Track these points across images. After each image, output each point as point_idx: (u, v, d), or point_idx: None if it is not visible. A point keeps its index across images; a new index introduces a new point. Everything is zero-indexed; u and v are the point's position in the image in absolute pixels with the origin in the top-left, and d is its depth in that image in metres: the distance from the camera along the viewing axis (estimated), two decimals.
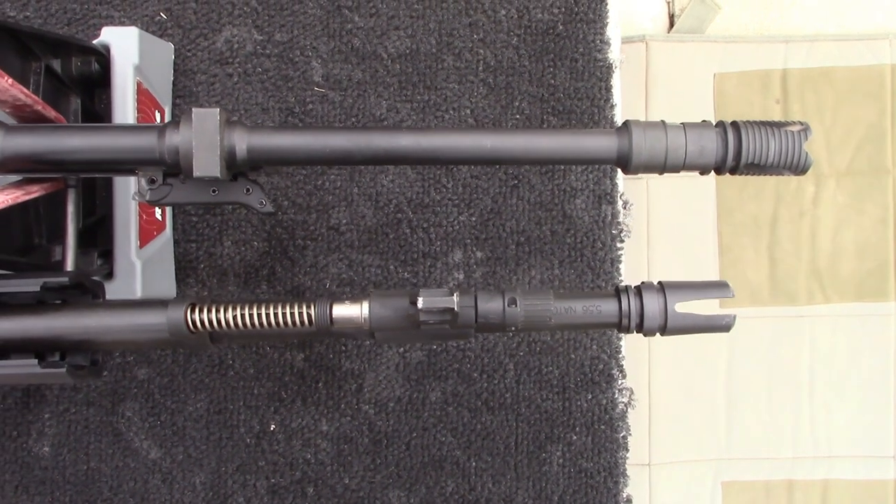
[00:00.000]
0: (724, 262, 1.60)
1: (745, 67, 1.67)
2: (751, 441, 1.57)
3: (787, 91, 1.65)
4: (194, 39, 0.87)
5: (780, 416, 1.55)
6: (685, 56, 1.62)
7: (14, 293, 0.63)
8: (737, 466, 1.58)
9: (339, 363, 0.87)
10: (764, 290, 1.60)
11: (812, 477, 1.56)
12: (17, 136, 0.60)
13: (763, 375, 1.55)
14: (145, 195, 0.63)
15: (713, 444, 1.56)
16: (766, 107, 1.66)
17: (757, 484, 1.58)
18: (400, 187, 0.87)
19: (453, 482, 0.87)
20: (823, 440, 1.56)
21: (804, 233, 1.61)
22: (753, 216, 1.60)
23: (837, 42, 1.65)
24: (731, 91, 1.64)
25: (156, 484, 0.86)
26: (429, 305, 0.55)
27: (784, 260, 1.60)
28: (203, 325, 0.59)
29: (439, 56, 0.88)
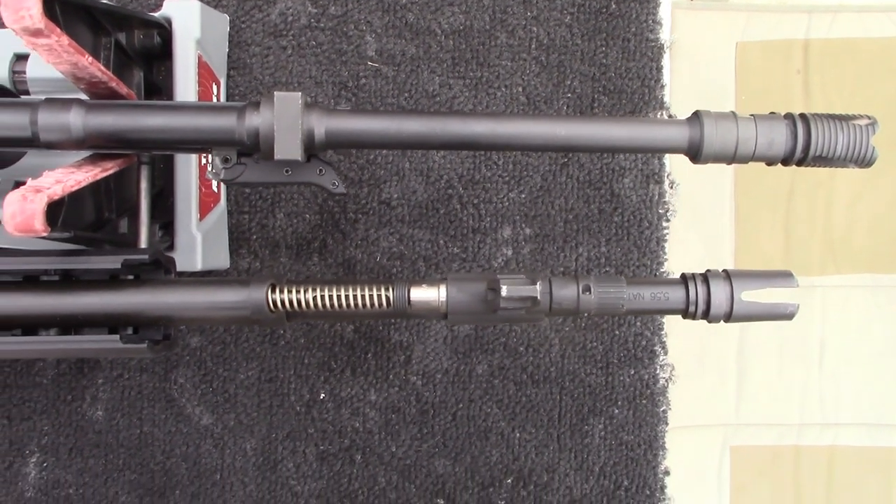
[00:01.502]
0: (739, 232, 1.61)
1: (767, 37, 1.67)
2: (760, 407, 1.60)
3: (809, 62, 1.65)
4: (249, 11, 0.87)
5: (790, 384, 1.58)
6: (708, 24, 1.62)
7: (89, 269, 0.64)
8: (746, 431, 1.61)
9: (389, 335, 0.89)
10: (777, 260, 1.62)
11: (818, 443, 1.60)
12: (99, 113, 0.61)
13: (774, 343, 1.58)
14: (220, 174, 0.64)
15: (723, 409, 1.60)
16: (786, 77, 1.66)
17: (765, 449, 1.62)
18: (451, 163, 0.88)
19: (498, 452, 0.89)
20: (831, 408, 1.59)
21: (819, 204, 1.62)
22: (771, 187, 1.62)
23: (860, 13, 1.64)
24: (754, 60, 1.65)
25: (207, 449, 0.88)
26: (511, 293, 0.56)
27: (798, 231, 1.62)
28: (283, 304, 0.61)
29: (492, 33, 0.88)
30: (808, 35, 1.66)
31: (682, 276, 0.64)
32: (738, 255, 1.65)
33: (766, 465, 1.64)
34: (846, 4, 1.66)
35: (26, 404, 0.88)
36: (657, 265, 0.90)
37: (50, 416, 0.88)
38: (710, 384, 1.53)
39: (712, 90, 1.63)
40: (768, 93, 1.68)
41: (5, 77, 0.79)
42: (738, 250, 1.64)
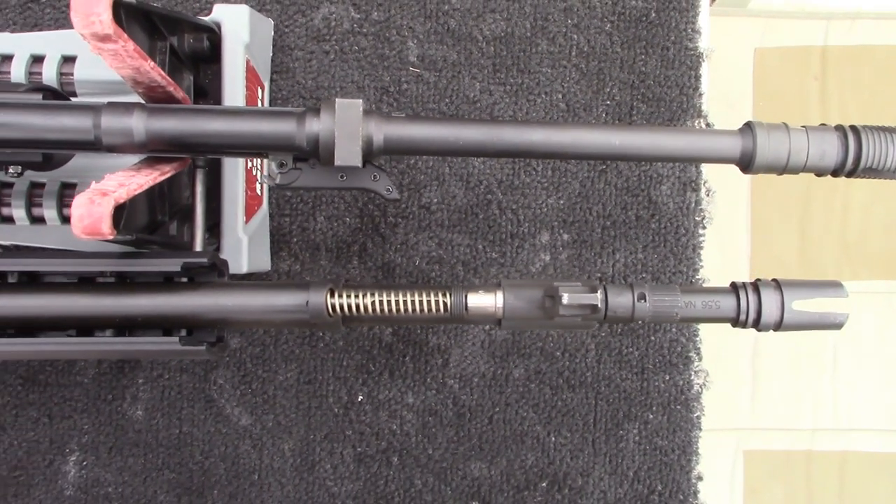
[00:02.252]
0: (755, 236, 1.63)
1: (785, 43, 1.68)
2: (774, 412, 1.61)
3: (826, 68, 1.66)
4: (292, 16, 0.88)
5: (803, 389, 1.59)
6: (727, 30, 1.63)
7: (147, 272, 0.65)
8: (759, 436, 1.62)
9: (427, 338, 0.89)
10: (793, 264, 1.63)
11: (831, 448, 1.61)
12: (160, 117, 0.62)
13: (789, 348, 1.59)
14: (275, 178, 0.65)
15: (737, 413, 1.61)
16: (804, 83, 1.67)
17: (778, 454, 1.63)
18: (491, 169, 0.89)
19: (533, 456, 0.90)
20: (844, 413, 1.61)
21: (835, 209, 1.63)
22: (786, 192, 1.63)
23: (878, 20, 1.65)
24: (772, 66, 1.65)
25: (246, 449, 0.89)
26: (572, 301, 0.57)
27: (814, 236, 1.63)
28: (341, 309, 0.62)
29: (533, 40, 0.89)
30: (826, 41, 1.67)
31: (733, 284, 0.65)
32: (754, 260, 1.66)
33: (779, 469, 1.65)
34: (864, 11, 1.67)
35: (67, 403, 0.88)
36: (693, 272, 0.90)
37: (90, 414, 0.88)
38: (725, 389, 1.54)
39: (730, 95, 1.64)
40: (786, 98, 1.69)
41: (53, 78, 0.80)
42: (754, 254, 1.66)
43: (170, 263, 0.63)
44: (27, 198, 0.80)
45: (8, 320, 0.64)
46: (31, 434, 0.88)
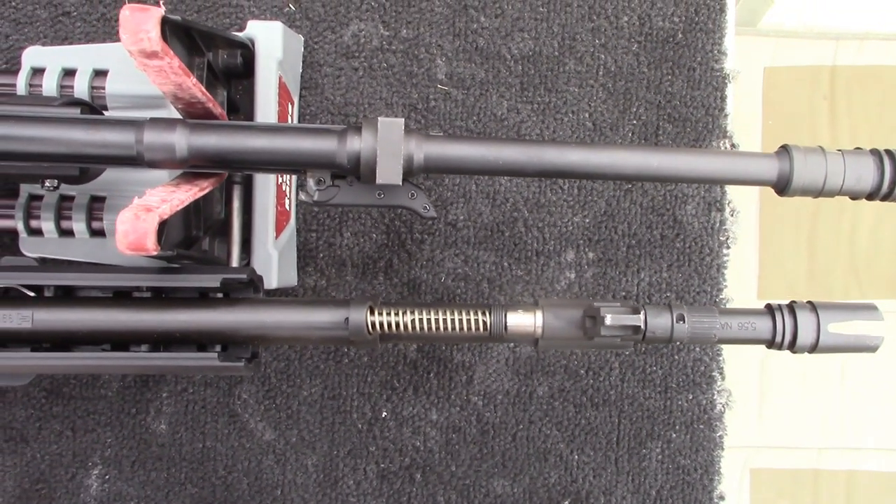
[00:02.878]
0: (763, 253, 1.63)
1: (794, 62, 1.68)
2: (781, 430, 1.61)
3: (835, 88, 1.67)
4: (322, 32, 0.89)
5: (811, 407, 1.59)
6: (737, 48, 1.64)
7: (183, 287, 0.65)
8: (766, 454, 1.62)
9: (451, 355, 0.89)
10: (801, 282, 1.63)
11: (838, 467, 1.61)
12: (202, 133, 0.62)
13: (797, 366, 1.59)
14: (313, 195, 0.65)
15: (744, 431, 1.61)
16: (813, 102, 1.68)
17: (784, 472, 1.63)
18: (517, 186, 0.89)
19: (556, 474, 0.90)
20: (852, 432, 1.61)
21: (844, 228, 1.64)
22: (795, 209, 1.63)
23: (887, 41, 1.67)
24: (781, 85, 1.66)
25: (269, 464, 0.89)
26: (615, 322, 0.57)
27: (823, 254, 1.64)
28: (381, 326, 0.62)
29: (561, 59, 0.89)
30: (836, 61, 1.68)
31: (768, 306, 0.65)
32: (762, 277, 1.66)
33: (786, 488, 1.65)
34: (873, 32, 1.68)
35: (91, 416, 0.88)
36: (717, 292, 0.91)
37: (114, 428, 0.88)
38: (733, 405, 1.54)
39: (740, 113, 1.65)
40: (795, 117, 1.70)
41: (84, 92, 0.80)
42: (763, 272, 1.66)
43: (209, 279, 0.63)
44: (56, 210, 0.80)
45: (44, 334, 0.64)
46: (55, 447, 0.88)
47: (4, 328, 0.62)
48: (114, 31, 0.88)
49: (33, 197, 0.81)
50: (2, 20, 0.87)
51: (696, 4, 0.90)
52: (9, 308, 0.63)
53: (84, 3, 0.87)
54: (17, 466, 0.88)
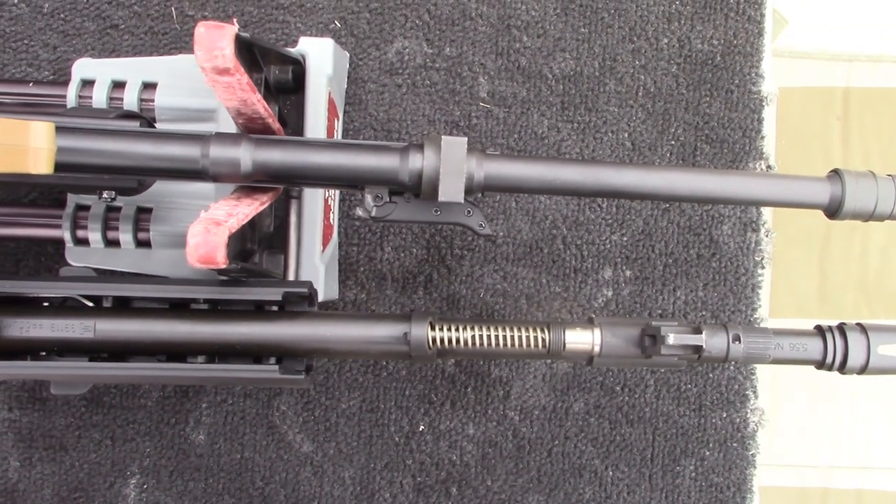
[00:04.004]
0: (775, 273, 1.64)
1: (808, 83, 1.70)
2: (790, 448, 1.62)
3: (849, 109, 1.69)
4: (366, 49, 0.90)
5: (821, 425, 1.60)
6: None
7: (240, 300, 0.66)
8: (775, 472, 1.63)
9: (489, 370, 0.90)
10: (812, 301, 1.64)
11: (847, 486, 1.62)
12: (266, 149, 0.63)
13: (807, 384, 1.60)
14: (371, 211, 0.66)
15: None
16: (826, 123, 1.70)
17: (793, 490, 1.64)
18: (556, 204, 0.90)
19: (591, 490, 0.91)
20: (861, 451, 1.61)
21: (855, 248, 1.65)
22: (807, 229, 1.65)
23: None
24: (795, 106, 1.68)
25: (306, 476, 0.90)
26: (678, 341, 0.58)
27: (833, 274, 1.65)
28: (440, 341, 0.63)
29: (601, 79, 0.91)
30: (849, 83, 1.70)
31: (818, 327, 0.67)
32: (774, 296, 1.67)
33: None
34: (886, 55, 1.70)
35: (130, 426, 0.89)
36: (751, 311, 0.92)
37: (153, 438, 0.89)
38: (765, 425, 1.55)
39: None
40: (808, 138, 1.72)
41: (134, 104, 0.81)
42: (774, 291, 1.67)
43: (271, 292, 0.64)
44: (103, 221, 0.81)
45: (105, 344, 0.64)
46: (94, 456, 0.89)
47: (67, 337, 0.63)
48: (160, 44, 0.89)
49: (80, 207, 0.82)
50: (51, 32, 0.88)
51: (734, 28, 0.91)
52: (71, 318, 0.64)
53: (132, 17, 0.88)
54: (56, 475, 0.88)
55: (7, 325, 0.63)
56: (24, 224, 0.84)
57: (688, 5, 0.91)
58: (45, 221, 0.84)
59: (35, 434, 0.88)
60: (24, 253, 0.89)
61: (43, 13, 0.88)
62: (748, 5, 0.92)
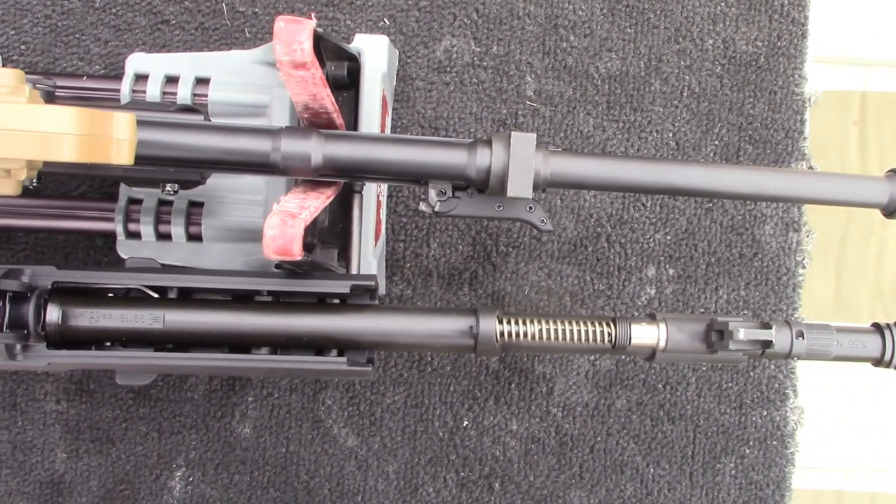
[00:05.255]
0: None
1: (825, 87, 1.71)
2: (805, 451, 1.63)
3: (865, 113, 1.70)
4: (415, 47, 0.90)
5: (842, 427, 1.61)
6: None
7: (293, 292, 0.67)
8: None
9: (532, 367, 0.91)
10: (828, 305, 1.65)
11: (861, 489, 1.63)
12: (335, 143, 0.64)
13: (825, 386, 1.61)
14: (434, 206, 0.66)
15: None
16: (843, 127, 1.71)
17: (808, 493, 1.65)
18: (601, 203, 0.91)
19: (632, 486, 0.92)
20: (880, 454, 1.62)
21: (871, 253, 1.66)
22: (823, 233, 1.66)
23: None
24: (812, 109, 1.69)
25: (351, 470, 0.90)
26: (748, 336, 0.59)
27: (849, 277, 1.66)
28: (507, 335, 0.63)
29: (647, 79, 0.92)
30: (866, 87, 1.71)
31: (876, 325, 0.67)
32: None
33: None
34: None
35: (176, 418, 0.89)
36: (792, 310, 0.93)
37: (199, 431, 0.89)
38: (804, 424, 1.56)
39: None
40: (824, 142, 1.73)
41: (187, 98, 0.82)
42: None
43: (339, 285, 0.65)
44: (155, 215, 0.82)
45: (173, 335, 0.65)
46: (140, 448, 0.89)
47: (136, 328, 0.64)
48: (211, 39, 0.90)
49: (132, 200, 0.83)
50: (102, 26, 0.89)
51: (778, 30, 0.92)
52: (141, 308, 0.64)
53: (183, 12, 0.89)
54: (103, 466, 0.89)
55: (76, 314, 0.64)
56: (74, 217, 0.85)
57: (732, 7, 0.92)
58: (96, 214, 0.85)
59: (82, 426, 0.89)
60: (73, 246, 0.89)
61: (95, 8, 0.89)
62: (792, 7, 0.93)
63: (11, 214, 0.83)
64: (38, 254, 0.89)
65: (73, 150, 0.54)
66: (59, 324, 0.63)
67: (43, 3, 0.88)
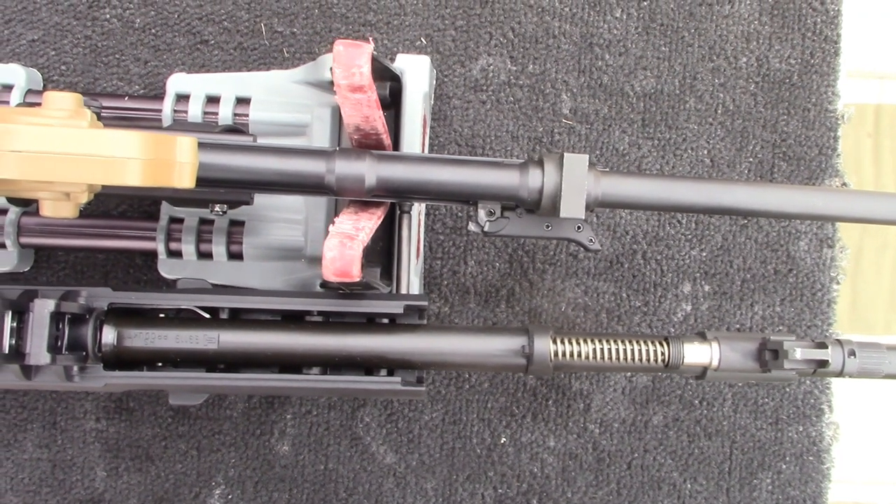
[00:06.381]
0: None
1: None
2: (840, 466, 1.63)
3: (880, 126, 1.70)
4: (452, 66, 0.91)
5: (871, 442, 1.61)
6: None
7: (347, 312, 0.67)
8: (842, 488, 1.63)
9: (570, 383, 0.91)
10: (844, 317, 1.66)
11: (879, 502, 1.63)
12: (388, 164, 0.65)
13: (871, 398, 1.61)
14: (483, 226, 0.67)
15: None
16: (858, 139, 1.71)
17: None
18: (637, 220, 0.92)
19: (669, 502, 0.92)
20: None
21: (886, 265, 1.67)
22: (839, 245, 1.66)
23: None
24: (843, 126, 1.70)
25: (389, 487, 0.90)
26: (804, 356, 0.59)
27: (865, 290, 1.66)
28: (560, 355, 0.64)
29: (682, 97, 0.92)
30: (880, 100, 1.72)
31: None
32: None
33: None
34: None
35: (216, 436, 0.90)
36: (827, 326, 0.93)
37: (238, 448, 0.90)
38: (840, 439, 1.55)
39: None
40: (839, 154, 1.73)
41: (228, 118, 0.83)
42: None
43: (392, 305, 0.65)
44: (196, 234, 0.82)
45: (227, 356, 0.65)
46: (179, 466, 0.89)
47: (191, 348, 0.64)
48: (250, 59, 0.90)
49: (173, 219, 0.83)
50: (142, 46, 0.89)
51: (811, 47, 0.93)
52: (195, 329, 0.65)
53: (222, 32, 0.90)
54: (142, 485, 0.89)
55: (131, 335, 0.64)
56: (114, 236, 0.85)
57: (766, 25, 0.93)
58: (136, 233, 0.85)
59: (122, 444, 0.89)
60: (112, 265, 0.90)
61: (134, 28, 0.89)
62: (825, 25, 0.93)
63: (54, 234, 0.84)
64: (77, 273, 0.89)
65: (139, 175, 0.54)
66: (114, 345, 0.64)
67: (83, 23, 0.89)
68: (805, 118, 0.93)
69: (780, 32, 0.94)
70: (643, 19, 0.92)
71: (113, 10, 0.89)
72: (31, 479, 0.89)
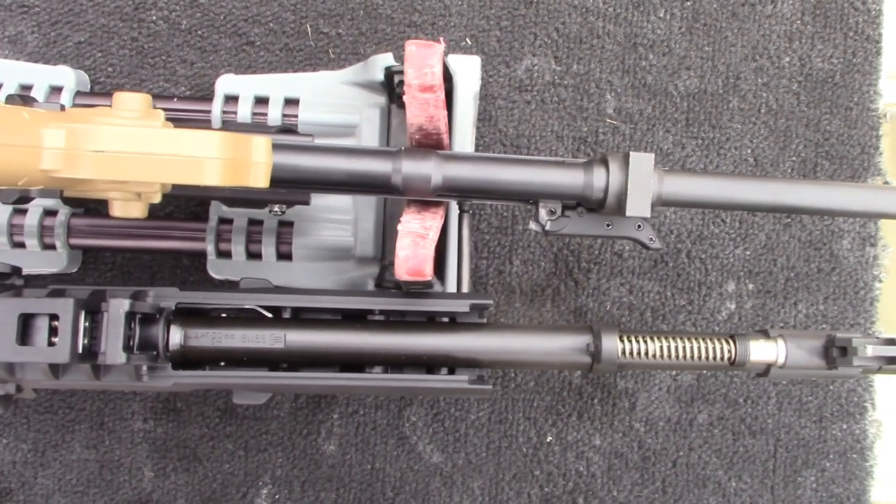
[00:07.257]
0: None
1: None
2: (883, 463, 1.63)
3: (893, 125, 1.71)
4: (496, 66, 0.91)
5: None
6: None
7: (412, 311, 0.67)
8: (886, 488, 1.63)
9: (615, 382, 0.92)
10: (886, 315, 1.66)
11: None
12: (452, 164, 0.65)
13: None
14: (545, 225, 0.67)
15: None
16: (893, 140, 1.72)
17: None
18: (681, 219, 0.92)
19: (714, 500, 0.92)
20: None
21: None
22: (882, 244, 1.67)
23: None
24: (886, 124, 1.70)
25: (436, 487, 0.91)
26: (875, 353, 0.60)
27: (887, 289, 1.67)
28: (628, 353, 0.64)
29: (725, 97, 0.93)
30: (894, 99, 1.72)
31: None
32: None
33: None
34: None
35: (263, 436, 0.90)
36: (870, 324, 0.94)
37: (285, 448, 0.90)
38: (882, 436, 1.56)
39: None
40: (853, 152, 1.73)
41: (277, 119, 0.83)
42: None
43: (458, 304, 0.65)
44: (246, 234, 0.82)
45: (293, 355, 0.66)
46: (227, 466, 0.90)
47: (258, 347, 0.64)
48: (296, 60, 0.91)
49: (222, 220, 0.84)
50: (188, 48, 0.89)
51: (853, 47, 0.94)
52: (262, 329, 0.65)
53: (268, 34, 0.90)
54: (190, 485, 0.89)
55: (198, 335, 0.64)
56: (163, 237, 0.86)
57: (808, 25, 0.93)
58: (185, 234, 0.85)
59: (169, 444, 0.89)
60: (158, 265, 0.90)
61: (181, 30, 0.90)
62: (867, 25, 0.94)
63: (103, 235, 0.84)
64: (124, 273, 0.90)
65: (218, 175, 0.55)
66: (181, 344, 0.64)
67: (129, 25, 0.89)
68: (847, 117, 0.94)
69: (822, 32, 0.94)
70: (686, 19, 0.93)
71: (159, 11, 0.89)
72: (78, 479, 0.89)
